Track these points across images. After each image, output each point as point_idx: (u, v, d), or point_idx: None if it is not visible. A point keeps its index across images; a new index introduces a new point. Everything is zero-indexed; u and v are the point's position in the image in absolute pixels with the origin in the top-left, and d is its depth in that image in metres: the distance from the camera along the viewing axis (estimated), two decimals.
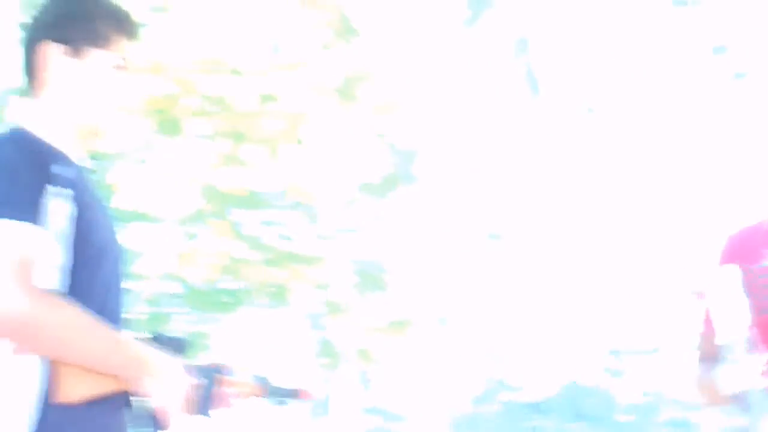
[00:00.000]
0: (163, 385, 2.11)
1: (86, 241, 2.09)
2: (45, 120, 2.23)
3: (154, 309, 10.77)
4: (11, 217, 1.95)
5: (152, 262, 9.92)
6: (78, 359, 1.98)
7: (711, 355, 2.67)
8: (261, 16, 7.90)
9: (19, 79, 2.34)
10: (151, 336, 2.24)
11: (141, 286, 10.34)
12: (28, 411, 1.97)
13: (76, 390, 2.00)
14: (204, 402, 2.27)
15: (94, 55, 2.26)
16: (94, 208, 2.17)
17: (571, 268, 16.58)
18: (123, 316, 2.26)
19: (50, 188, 2.03)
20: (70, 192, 2.07)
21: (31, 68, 2.27)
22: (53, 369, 1.99)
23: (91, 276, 2.11)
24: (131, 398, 2.15)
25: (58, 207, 2.04)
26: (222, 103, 8.03)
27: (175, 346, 2.24)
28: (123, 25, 2.31)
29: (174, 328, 10.99)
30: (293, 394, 2.48)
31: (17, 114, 2.30)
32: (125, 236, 8.26)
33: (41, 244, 1.98)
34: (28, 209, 1.99)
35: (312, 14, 7.50)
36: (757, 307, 2.61)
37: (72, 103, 2.24)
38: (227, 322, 12.22)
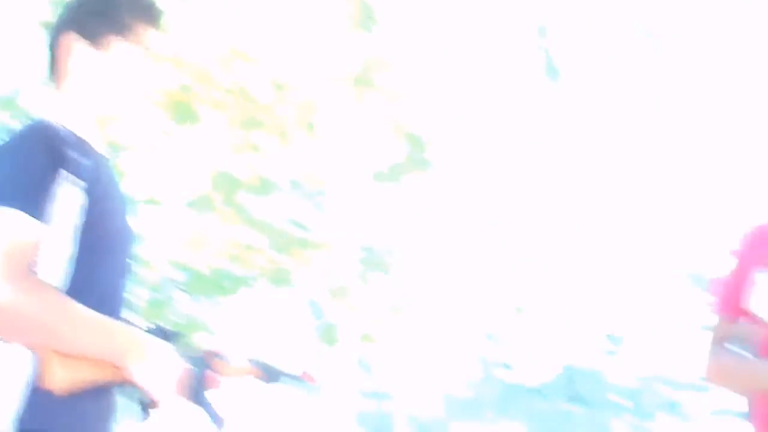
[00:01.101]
0: (154, 369, 2.10)
1: (97, 230, 2.09)
2: (67, 110, 2.23)
3: (156, 294, 10.73)
4: (11, 205, 1.94)
5: (158, 247, 9.85)
6: (63, 346, 1.97)
7: (725, 339, 2.66)
8: (278, 5, 7.80)
9: (43, 71, 2.32)
10: (145, 327, 2.23)
11: (144, 271, 10.28)
12: (14, 397, 1.98)
13: (64, 376, 1.99)
14: (196, 385, 2.26)
15: (116, 45, 2.24)
16: (110, 197, 2.16)
17: (570, 253, 16.59)
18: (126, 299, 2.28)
19: (64, 175, 2.02)
20: (83, 183, 2.05)
21: (54, 60, 2.27)
22: (41, 355, 1.98)
23: (101, 261, 2.11)
24: (123, 384, 2.14)
25: (71, 196, 2.04)
26: (237, 92, 7.94)
27: (168, 337, 2.23)
28: (146, 14, 2.29)
29: (175, 312, 10.94)
30: (294, 377, 2.46)
31: (41, 105, 2.30)
32: (135, 221, 8.17)
33: (39, 233, 1.97)
34: (32, 198, 1.97)
35: (331, 3, 7.41)
36: None
37: (93, 92, 2.24)
38: (228, 305, 12.17)
